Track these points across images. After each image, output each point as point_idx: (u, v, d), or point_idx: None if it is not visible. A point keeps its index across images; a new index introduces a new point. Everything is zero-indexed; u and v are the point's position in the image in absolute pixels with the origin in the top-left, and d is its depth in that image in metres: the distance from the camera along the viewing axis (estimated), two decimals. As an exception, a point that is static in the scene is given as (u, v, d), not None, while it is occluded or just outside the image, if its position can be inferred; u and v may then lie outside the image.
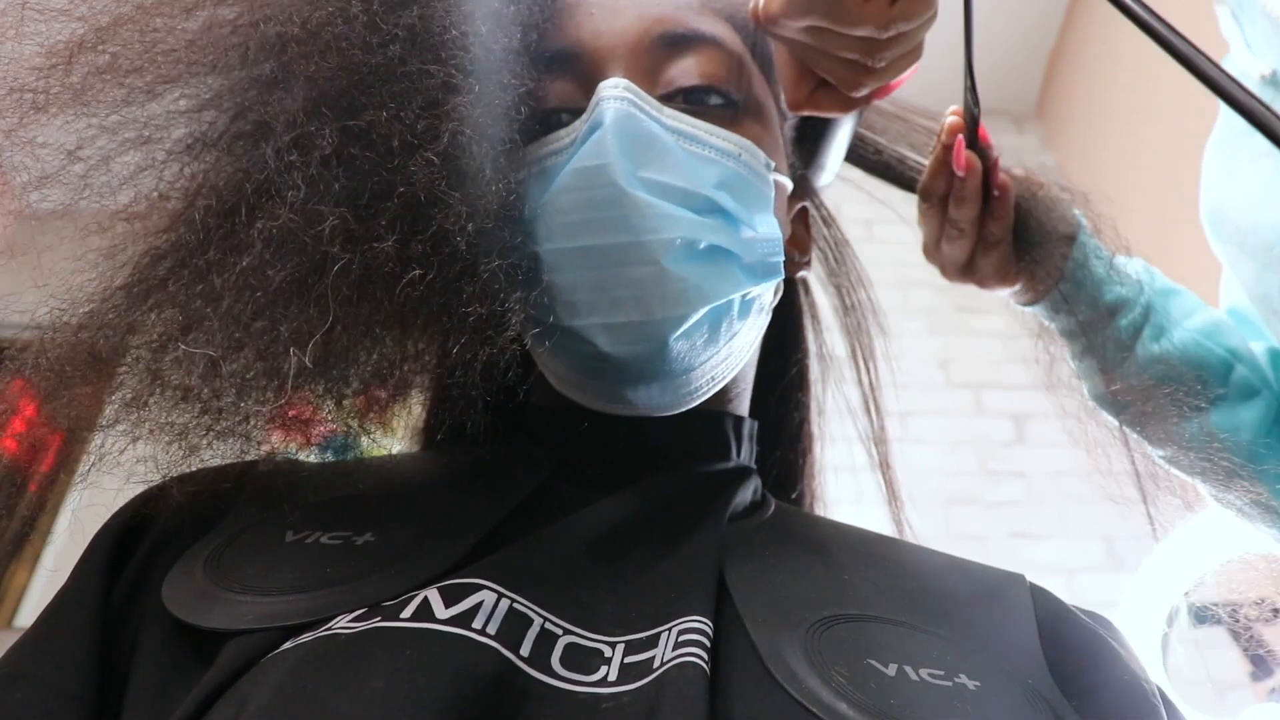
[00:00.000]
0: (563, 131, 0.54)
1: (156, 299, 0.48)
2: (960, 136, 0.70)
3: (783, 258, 0.54)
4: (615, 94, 0.52)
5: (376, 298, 0.46)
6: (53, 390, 0.49)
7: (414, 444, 0.68)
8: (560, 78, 0.56)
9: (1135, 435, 0.78)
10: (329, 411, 0.50)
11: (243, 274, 0.45)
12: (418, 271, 0.45)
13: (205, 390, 0.45)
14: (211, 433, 0.47)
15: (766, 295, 0.57)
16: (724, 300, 0.51)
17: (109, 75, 0.49)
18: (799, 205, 0.72)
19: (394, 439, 0.59)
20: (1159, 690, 0.48)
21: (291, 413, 0.49)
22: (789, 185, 0.63)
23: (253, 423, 0.47)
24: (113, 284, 0.49)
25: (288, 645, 0.39)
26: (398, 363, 0.50)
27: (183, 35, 0.50)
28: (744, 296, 0.53)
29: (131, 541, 0.50)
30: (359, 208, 0.46)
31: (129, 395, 0.47)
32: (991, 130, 0.72)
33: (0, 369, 0.50)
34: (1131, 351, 0.76)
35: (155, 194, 0.51)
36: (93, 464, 0.48)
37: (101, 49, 0.49)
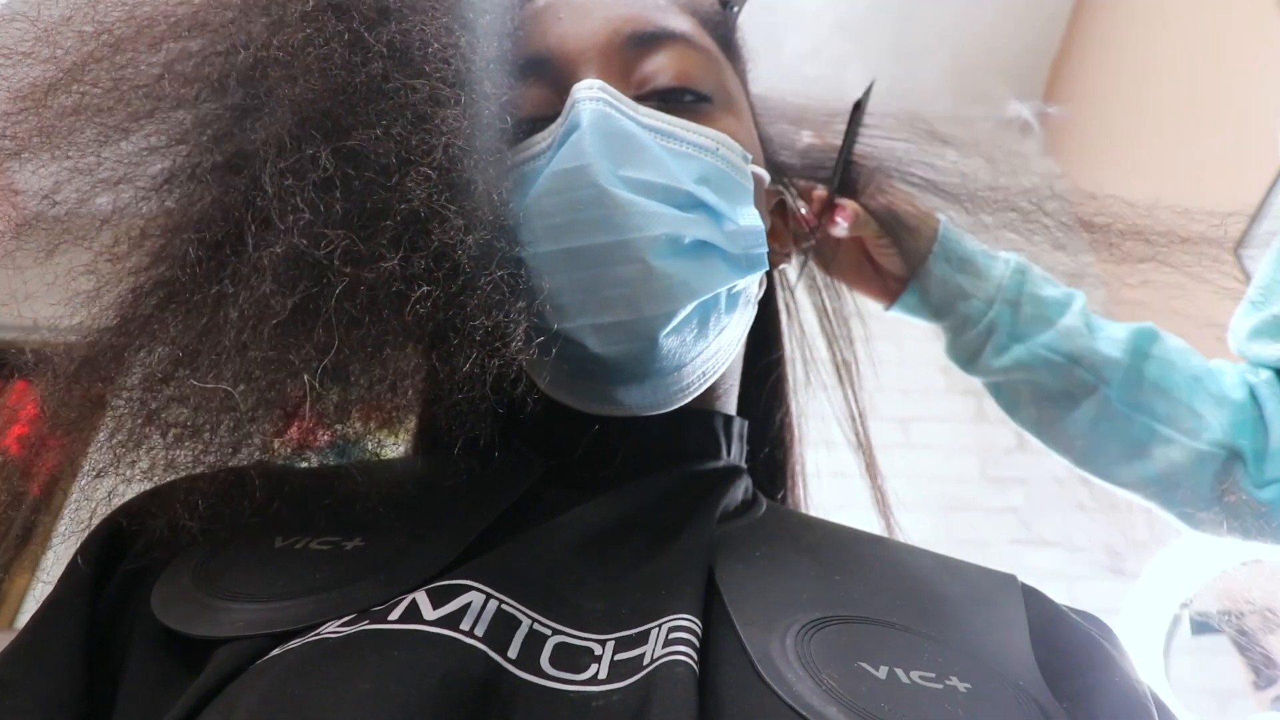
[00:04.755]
0: (539, 136, 0.54)
1: (146, 337, 0.48)
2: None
3: (766, 249, 0.54)
4: (590, 95, 0.52)
5: (383, 318, 0.45)
6: (52, 433, 0.49)
7: (406, 448, 0.68)
8: (534, 84, 0.56)
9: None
10: (331, 425, 0.50)
11: (248, 305, 0.44)
12: (424, 289, 0.45)
13: (205, 426, 0.45)
14: (213, 466, 0.46)
15: (752, 288, 0.57)
16: (711, 294, 0.51)
17: (80, 116, 0.49)
18: (777, 197, 0.72)
19: (390, 445, 0.59)
20: (1152, 693, 0.47)
21: (293, 437, 0.49)
22: (766, 177, 0.63)
23: (254, 451, 0.47)
24: (100, 326, 0.49)
25: (276, 651, 0.39)
26: (402, 380, 0.50)
27: (151, 70, 0.50)
28: (730, 290, 0.53)
29: (119, 548, 0.49)
30: (358, 228, 0.45)
31: (124, 436, 0.46)
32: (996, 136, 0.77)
33: (5, 371, 0.50)
34: (979, 359, 0.84)
35: (137, 232, 0.51)
36: (95, 509, 0.48)
37: (71, 89, 0.49)
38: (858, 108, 0.76)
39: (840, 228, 0.82)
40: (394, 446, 0.62)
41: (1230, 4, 2.41)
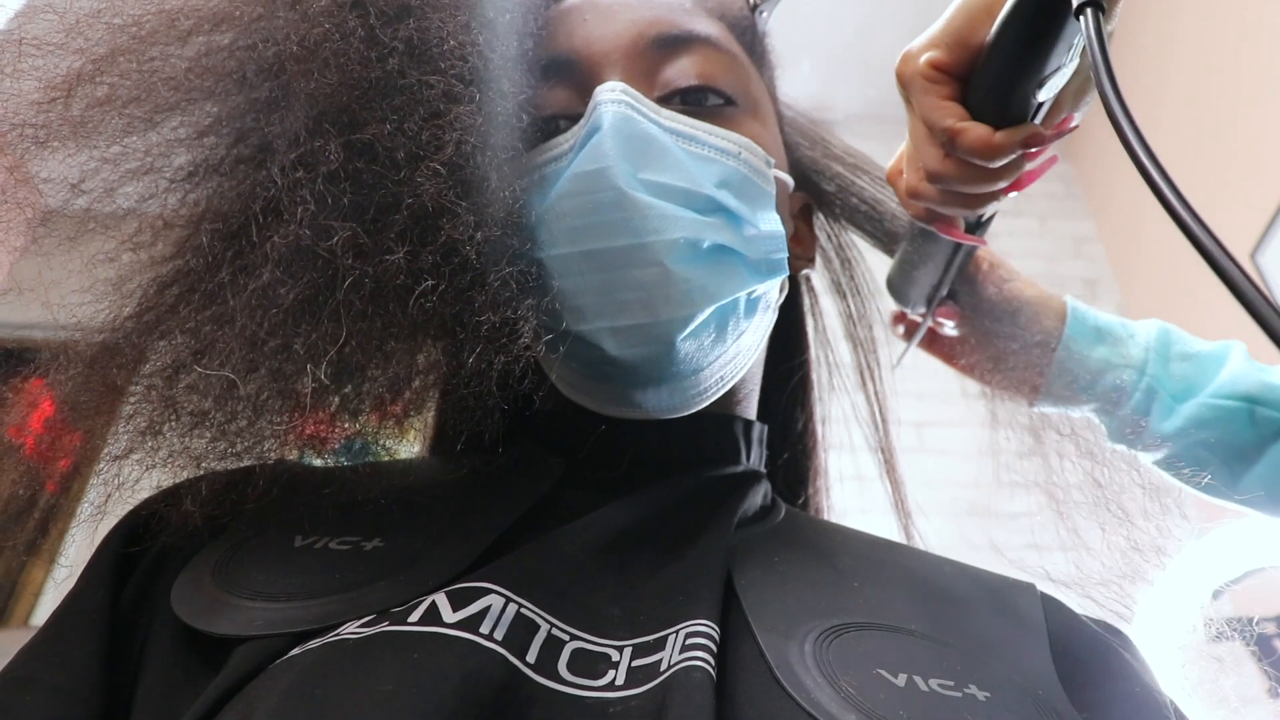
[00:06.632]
0: (561, 138, 0.54)
1: (166, 326, 0.48)
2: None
3: (787, 254, 0.54)
4: (612, 97, 0.52)
5: (389, 310, 0.46)
6: (69, 421, 0.49)
7: (424, 449, 0.68)
8: (557, 85, 0.57)
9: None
10: (345, 424, 0.50)
11: (254, 294, 0.45)
12: (430, 282, 0.45)
13: (220, 415, 0.45)
14: (228, 456, 0.47)
15: (772, 293, 0.57)
16: (729, 299, 0.51)
17: (108, 106, 0.49)
18: (801, 203, 0.72)
19: (407, 445, 0.59)
20: (1172, 704, 0.47)
21: (307, 431, 0.49)
22: (790, 182, 0.63)
23: (268, 444, 0.47)
24: (121, 314, 0.49)
25: (295, 651, 0.39)
26: (412, 375, 0.50)
27: (179, 63, 0.50)
28: (750, 295, 0.53)
29: (140, 545, 0.49)
30: (367, 221, 0.46)
31: (142, 424, 0.47)
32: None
33: (20, 369, 0.51)
34: (1145, 431, 0.76)
35: (160, 222, 0.51)
36: (109, 494, 0.48)
37: (100, 80, 0.50)
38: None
39: (948, 328, 0.81)
40: (408, 448, 0.62)
41: (1245, 7, 2.40)
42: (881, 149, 0.75)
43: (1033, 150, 0.54)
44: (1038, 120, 0.55)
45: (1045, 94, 0.53)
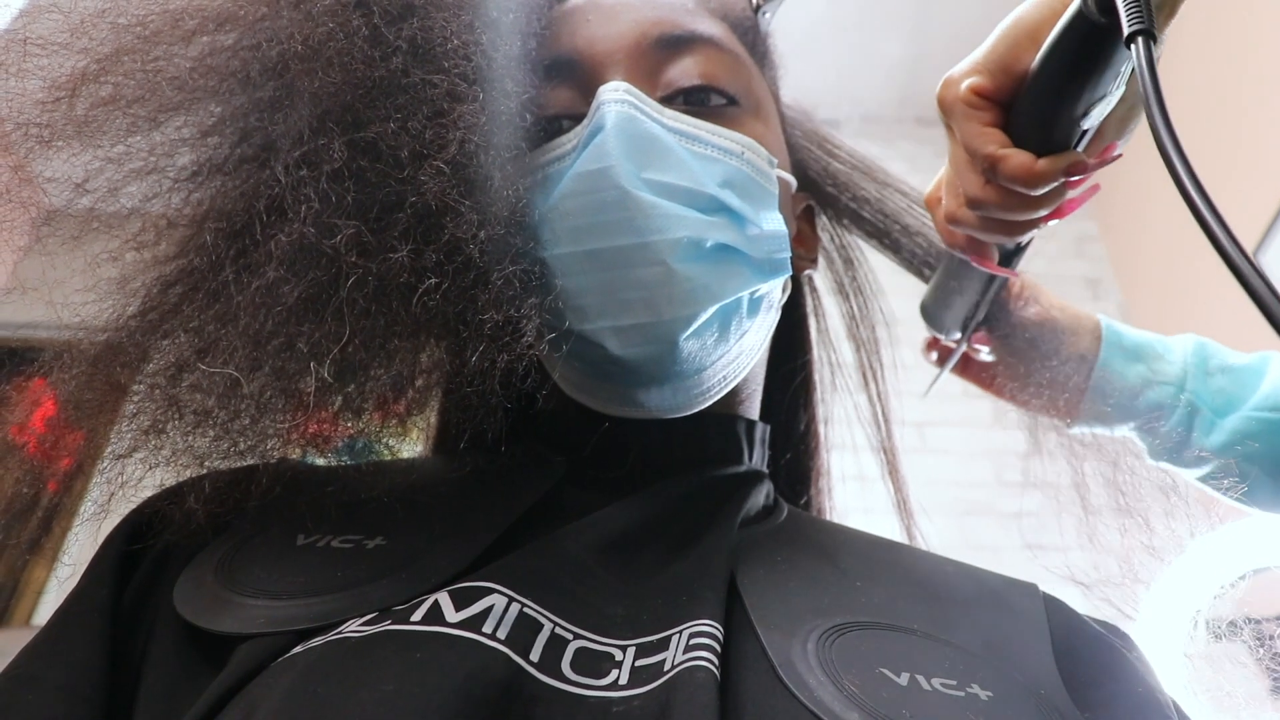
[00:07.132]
0: (564, 137, 0.54)
1: (169, 325, 0.48)
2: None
3: (789, 254, 0.54)
4: (615, 97, 0.52)
5: (393, 309, 0.46)
6: (72, 420, 0.49)
7: (427, 448, 0.68)
8: (560, 85, 0.57)
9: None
10: (348, 422, 0.50)
11: (258, 292, 0.45)
12: (433, 281, 0.45)
13: (223, 413, 0.45)
14: (231, 455, 0.47)
15: (775, 293, 0.57)
16: (732, 298, 0.51)
17: (112, 106, 0.50)
18: (804, 203, 0.72)
19: (409, 444, 0.59)
20: (1174, 704, 0.47)
21: (310, 429, 0.49)
22: (793, 182, 0.63)
23: (271, 443, 0.47)
24: (125, 313, 0.50)
25: (298, 649, 0.39)
26: (415, 374, 0.50)
27: (183, 63, 0.50)
28: (753, 294, 0.53)
29: (142, 543, 0.49)
30: (370, 220, 0.46)
31: (146, 422, 0.47)
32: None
33: (24, 369, 0.51)
34: (1188, 448, 0.75)
35: (163, 222, 0.51)
36: (112, 493, 0.48)
37: (104, 80, 0.50)
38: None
39: (983, 353, 0.81)
40: (411, 446, 0.62)
41: (1246, 9, 2.40)
42: (882, 150, 0.75)
43: (1075, 178, 0.54)
44: (1080, 147, 0.55)
45: (1089, 121, 0.53)
